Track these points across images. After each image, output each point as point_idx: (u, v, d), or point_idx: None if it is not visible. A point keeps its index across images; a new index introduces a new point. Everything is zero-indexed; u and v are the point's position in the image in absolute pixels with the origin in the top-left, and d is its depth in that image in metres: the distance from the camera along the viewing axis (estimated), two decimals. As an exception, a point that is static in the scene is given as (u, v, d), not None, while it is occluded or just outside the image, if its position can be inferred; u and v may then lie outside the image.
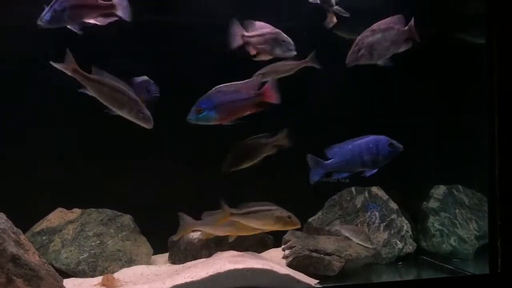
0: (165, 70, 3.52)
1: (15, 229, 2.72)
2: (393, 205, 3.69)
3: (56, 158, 3.42)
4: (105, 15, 2.73)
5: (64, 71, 2.60)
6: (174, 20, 3.66)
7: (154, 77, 3.31)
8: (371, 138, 3.04)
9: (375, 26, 2.98)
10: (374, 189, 3.78)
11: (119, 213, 3.44)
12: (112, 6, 2.69)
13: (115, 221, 3.38)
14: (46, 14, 2.63)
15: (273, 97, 2.79)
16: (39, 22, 2.64)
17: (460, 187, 3.93)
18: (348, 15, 3.27)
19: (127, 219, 3.42)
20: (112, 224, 3.36)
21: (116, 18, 2.73)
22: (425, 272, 3.41)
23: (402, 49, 3.00)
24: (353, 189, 3.78)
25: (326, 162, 3.05)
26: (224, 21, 3.16)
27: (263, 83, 2.82)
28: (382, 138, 3.04)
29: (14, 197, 3.08)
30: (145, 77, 3.22)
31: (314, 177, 3.03)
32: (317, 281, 2.87)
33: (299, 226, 2.96)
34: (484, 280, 2.95)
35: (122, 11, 2.69)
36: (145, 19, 3.46)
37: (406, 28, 2.94)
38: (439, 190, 3.87)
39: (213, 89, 2.76)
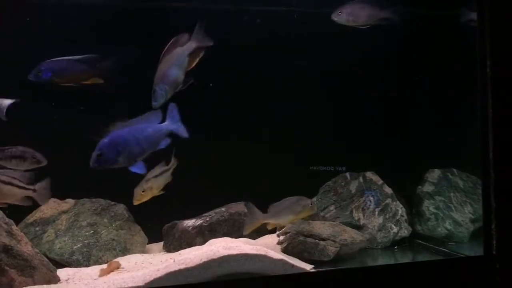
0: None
1: (7, 219, 2.72)
2: (388, 190, 3.68)
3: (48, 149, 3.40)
4: None
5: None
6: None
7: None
8: None
9: None
10: (369, 174, 3.77)
11: (113, 203, 3.42)
12: None
13: (109, 211, 3.37)
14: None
15: None
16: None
17: (454, 170, 3.93)
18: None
19: (121, 208, 3.41)
20: (106, 214, 3.35)
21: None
22: (421, 255, 3.41)
23: None
24: (347, 174, 3.77)
25: None
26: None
27: None
28: None
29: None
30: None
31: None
32: (312, 266, 2.87)
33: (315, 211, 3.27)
34: (479, 262, 2.94)
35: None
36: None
37: None
38: (434, 174, 3.86)
39: None
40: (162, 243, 3.47)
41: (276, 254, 2.70)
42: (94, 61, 2.90)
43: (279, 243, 3.16)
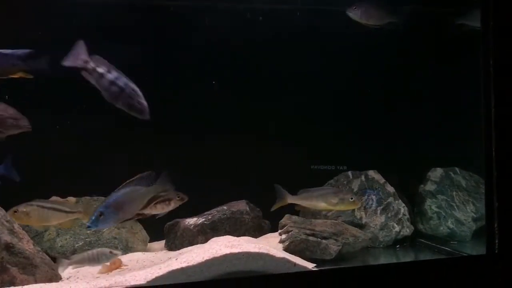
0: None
1: (9, 217, 2.71)
2: (390, 189, 3.67)
3: (50, 147, 3.40)
4: None
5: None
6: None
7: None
8: None
9: None
10: (371, 173, 3.76)
11: (115, 201, 3.41)
12: None
13: (110, 209, 3.36)
14: None
15: None
16: None
17: (457, 169, 3.92)
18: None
19: (122, 206, 3.40)
20: (107, 212, 3.34)
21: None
22: (423, 254, 3.40)
23: None
24: (349, 173, 3.76)
25: None
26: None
27: None
28: None
29: (8, 186, 3.06)
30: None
31: None
32: (314, 264, 2.86)
33: (359, 206, 3.30)
34: (481, 261, 2.94)
35: None
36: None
37: None
38: (436, 173, 3.85)
39: None
40: (163, 241, 3.47)
41: (278, 252, 2.69)
42: (26, 56, 2.85)
43: (281, 241, 3.15)
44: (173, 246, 3.35)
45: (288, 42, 3.81)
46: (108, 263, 2.91)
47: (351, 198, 3.12)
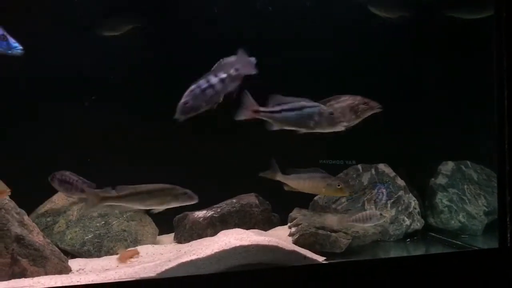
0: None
1: (19, 209, 2.72)
2: (400, 182, 3.64)
3: (60, 140, 3.41)
4: None
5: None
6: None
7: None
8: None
9: None
10: (381, 166, 3.73)
11: (124, 194, 3.41)
12: None
13: (120, 202, 3.36)
14: None
15: None
16: None
17: (468, 163, 3.87)
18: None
19: (131, 199, 3.40)
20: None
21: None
22: (434, 248, 3.38)
23: None
24: (359, 166, 3.73)
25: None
26: None
27: None
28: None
29: (17, 179, 3.07)
30: None
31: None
32: (324, 258, 2.84)
33: (350, 195, 3.24)
34: (493, 255, 2.90)
35: None
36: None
37: None
38: (447, 166, 3.81)
39: None
40: (173, 234, 3.47)
41: (288, 245, 2.68)
42: None
43: (291, 234, 3.13)
44: (182, 239, 3.34)
45: (300, 33, 3.79)
46: (121, 252, 2.92)
47: (338, 185, 3.01)
